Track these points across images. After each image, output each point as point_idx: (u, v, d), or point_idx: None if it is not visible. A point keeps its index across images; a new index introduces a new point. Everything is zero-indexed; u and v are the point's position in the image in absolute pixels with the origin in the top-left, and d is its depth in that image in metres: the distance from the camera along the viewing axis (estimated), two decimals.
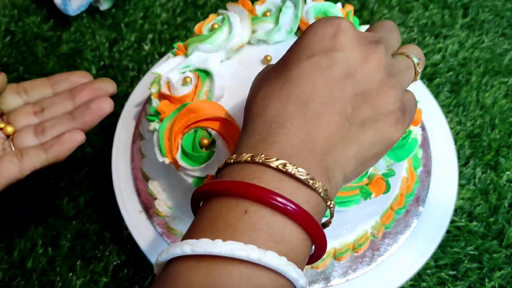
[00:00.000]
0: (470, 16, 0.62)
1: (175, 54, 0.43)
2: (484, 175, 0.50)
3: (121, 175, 0.46)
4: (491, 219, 0.48)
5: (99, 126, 0.46)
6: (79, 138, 0.37)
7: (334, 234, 0.41)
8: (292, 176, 0.24)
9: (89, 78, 0.42)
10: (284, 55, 0.29)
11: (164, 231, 0.43)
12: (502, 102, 0.55)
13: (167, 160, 0.37)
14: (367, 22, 0.62)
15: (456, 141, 0.52)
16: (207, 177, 0.36)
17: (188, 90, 0.39)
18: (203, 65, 0.40)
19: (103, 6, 0.62)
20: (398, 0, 0.63)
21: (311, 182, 0.24)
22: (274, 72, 0.28)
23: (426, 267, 0.45)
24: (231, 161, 0.25)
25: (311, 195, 0.24)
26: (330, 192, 0.25)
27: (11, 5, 0.64)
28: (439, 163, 0.47)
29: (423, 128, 0.48)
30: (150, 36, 0.61)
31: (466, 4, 0.63)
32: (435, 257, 0.46)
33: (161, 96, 0.40)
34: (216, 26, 0.42)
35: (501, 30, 0.61)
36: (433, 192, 0.45)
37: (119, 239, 0.47)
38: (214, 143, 0.36)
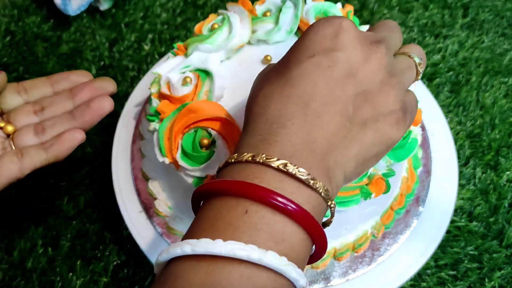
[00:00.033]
0: (470, 16, 0.62)
1: (175, 54, 0.43)
2: (484, 175, 0.50)
3: (121, 175, 0.46)
4: (491, 219, 0.48)
5: (99, 126, 0.46)
6: (79, 137, 0.37)
7: (334, 234, 0.41)
8: (293, 176, 0.24)
9: (89, 77, 0.42)
10: (285, 55, 0.29)
11: (164, 231, 0.43)
12: (502, 102, 0.55)
13: (167, 160, 0.37)
14: (367, 22, 0.62)
15: (456, 141, 0.52)
16: (207, 177, 0.36)
17: (188, 90, 0.39)
18: (203, 65, 0.40)
19: (103, 6, 0.62)
20: (398, 0, 0.63)
21: (311, 182, 0.24)
22: (275, 72, 0.28)
23: (426, 267, 0.45)
24: (232, 160, 0.25)
25: (311, 195, 0.24)
26: (331, 192, 0.25)
27: (11, 5, 0.64)
28: (439, 163, 0.47)
29: (423, 128, 0.48)
30: (150, 36, 0.61)
31: (466, 4, 0.63)
32: (435, 257, 0.46)
33: (161, 96, 0.40)
34: (216, 26, 0.42)
35: (501, 30, 0.61)
36: (433, 192, 0.45)
37: (119, 239, 0.47)
38: (214, 143, 0.36)
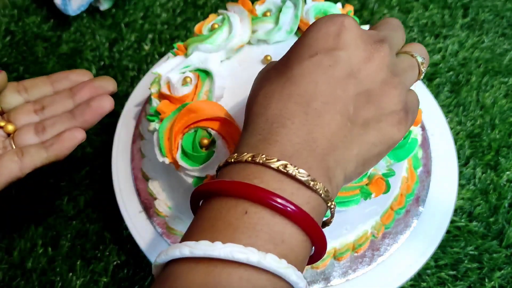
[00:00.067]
0: (470, 16, 0.62)
1: (175, 54, 0.43)
2: (484, 175, 0.50)
3: (121, 175, 0.46)
4: (491, 219, 0.48)
5: (99, 125, 0.46)
6: (80, 136, 0.37)
7: (334, 234, 0.41)
8: (293, 177, 0.24)
9: (89, 76, 0.42)
10: (286, 53, 0.29)
11: (164, 231, 0.43)
12: (502, 102, 0.55)
13: (167, 160, 0.37)
14: (367, 22, 0.62)
15: (456, 141, 0.52)
16: (207, 177, 0.36)
17: (188, 90, 0.39)
18: (203, 65, 0.40)
19: (103, 6, 0.62)
20: (398, 0, 0.63)
21: (311, 183, 0.24)
22: (276, 70, 0.28)
23: (426, 267, 0.45)
24: (232, 160, 0.25)
25: (311, 196, 0.24)
26: (331, 193, 0.25)
27: (11, 5, 0.64)
28: (439, 163, 0.47)
29: (423, 128, 0.48)
30: (150, 36, 0.61)
31: (466, 4, 0.63)
32: (435, 257, 0.46)
33: (161, 96, 0.40)
34: (216, 26, 0.42)
35: (501, 30, 0.61)
36: (433, 192, 0.45)
37: (119, 239, 0.47)
38: (214, 143, 0.36)
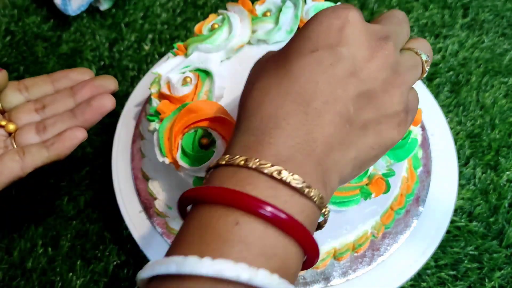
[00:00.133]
0: (470, 16, 0.62)
1: (175, 54, 0.43)
2: (484, 175, 0.50)
3: (121, 175, 0.46)
4: (491, 219, 0.48)
5: (99, 125, 0.46)
6: (81, 135, 0.37)
7: (334, 234, 0.41)
8: (287, 184, 0.23)
9: (89, 74, 0.41)
10: (286, 44, 0.27)
11: (164, 231, 0.43)
12: (502, 102, 0.55)
13: (167, 160, 0.37)
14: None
15: (456, 141, 0.52)
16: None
17: (188, 90, 0.39)
18: (203, 65, 0.40)
19: (103, 6, 0.62)
20: (398, 0, 0.63)
21: (306, 190, 0.23)
22: (274, 63, 0.27)
23: (426, 267, 0.45)
24: (223, 162, 0.24)
25: (306, 204, 0.23)
26: (325, 199, 0.24)
27: (11, 5, 0.64)
28: (439, 163, 0.47)
29: (423, 128, 0.48)
30: (150, 36, 0.61)
31: (466, 4, 0.63)
32: (435, 257, 0.46)
33: (161, 96, 0.40)
34: (216, 26, 0.42)
35: (501, 30, 0.61)
36: (433, 192, 0.45)
37: (119, 239, 0.47)
38: (214, 143, 0.36)
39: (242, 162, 0.23)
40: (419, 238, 0.43)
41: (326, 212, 0.25)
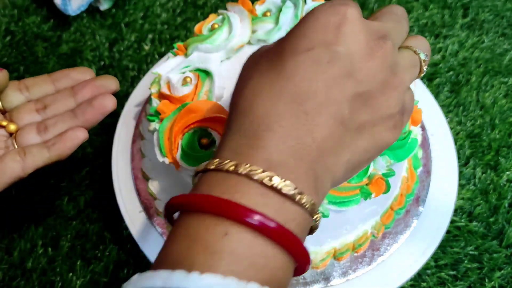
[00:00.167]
0: (470, 16, 0.62)
1: (175, 54, 0.43)
2: (484, 175, 0.50)
3: (121, 175, 0.46)
4: (491, 219, 0.48)
5: (99, 126, 0.46)
6: (82, 136, 0.37)
7: (334, 234, 0.41)
8: (278, 191, 0.22)
9: (90, 74, 0.41)
10: (281, 39, 0.26)
11: (164, 231, 0.43)
12: (502, 102, 0.55)
13: (167, 160, 0.37)
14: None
15: (456, 141, 0.52)
16: None
17: (188, 90, 0.39)
18: (203, 65, 0.40)
19: (103, 6, 0.62)
20: (398, 0, 0.63)
21: (298, 197, 0.22)
22: (268, 60, 0.25)
23: (426, 267, 0.45)
24: (213, 167, 0.23)
25: (297, 211, 0.22)
26: (317, 205, 0.23)
27: (11, 5, 0.64)
28: (439, 163, 0.47)
29: (423, 128, 0.48)
30: (150, 36, 0.61)
31: (466, 4, 0.63)
32: (435, 257, 0.46)
33: (161, 96, 0.40)
34: (216, 26, 0.42)
35: (501, 30, 0.61)
36: (433, 192, 0.45)
37: (119, 239, 0.47)
38: (214, 143, 0.36)
39: (232, 168, 0.22)
40: (419, 238, 0.43)
41: (318, 218, 0.24)
